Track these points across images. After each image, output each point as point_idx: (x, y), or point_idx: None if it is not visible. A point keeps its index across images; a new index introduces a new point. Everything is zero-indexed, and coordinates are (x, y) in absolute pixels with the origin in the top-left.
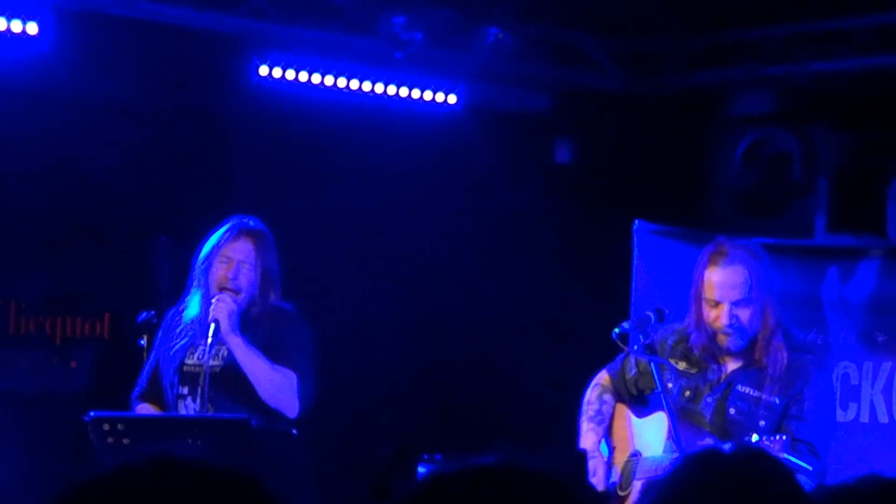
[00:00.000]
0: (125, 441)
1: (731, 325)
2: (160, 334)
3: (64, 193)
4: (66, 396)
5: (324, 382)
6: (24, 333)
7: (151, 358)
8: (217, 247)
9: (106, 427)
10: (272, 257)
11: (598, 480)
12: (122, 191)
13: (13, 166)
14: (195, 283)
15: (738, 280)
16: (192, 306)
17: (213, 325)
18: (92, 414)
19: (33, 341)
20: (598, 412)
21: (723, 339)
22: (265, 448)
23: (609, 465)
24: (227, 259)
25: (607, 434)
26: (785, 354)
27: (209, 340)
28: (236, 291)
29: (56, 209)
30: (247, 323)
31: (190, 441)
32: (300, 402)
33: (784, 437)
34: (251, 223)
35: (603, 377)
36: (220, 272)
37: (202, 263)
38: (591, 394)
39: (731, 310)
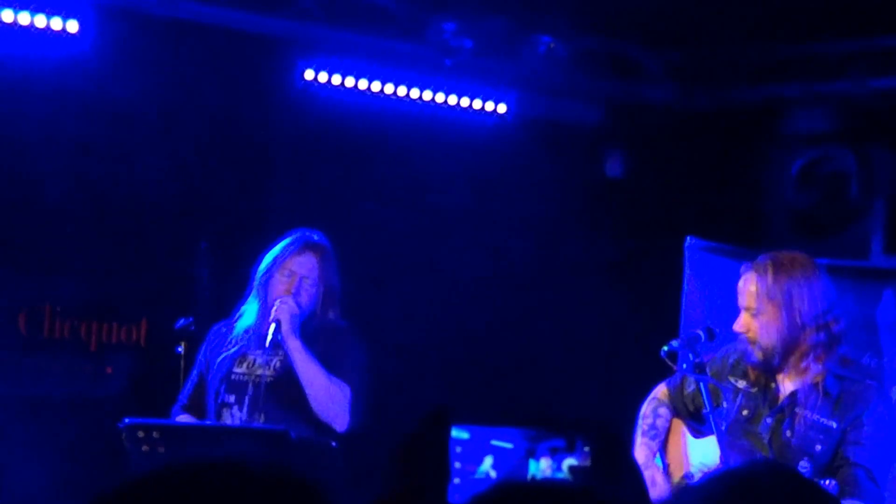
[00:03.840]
0: (160, 449)
1: (740, 333)
2: (204, 347)
3: (102, 196)
4: (100, 403)
5: (371, 398)
6: (59, 338)
7: (194, 372)
8: (279, 259)
9: (141, 434)
10: (334, 273)
11: (659, 489)
12: (162, 195)
13: (50, 168)
14: (253, 293)
15: (748, 287)
16: (248, 315)
17: (273, 326)
18: (126, 421)
19: (68, 346)
20: (653, 426)
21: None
22: (303, 459)
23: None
24: (290, 272)
25: (662, 450)
26: (839, 381)
27: (269, 339)
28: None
29: (94, 212)
30: (304, 337)
31: (226, 451)
32: (351, 418)
33: (834, 483)
34: (315, 237)
35: (661, 390)
36: (280, 286)
37: (263, 275)
38: (646, 407)
39: (742, 316)
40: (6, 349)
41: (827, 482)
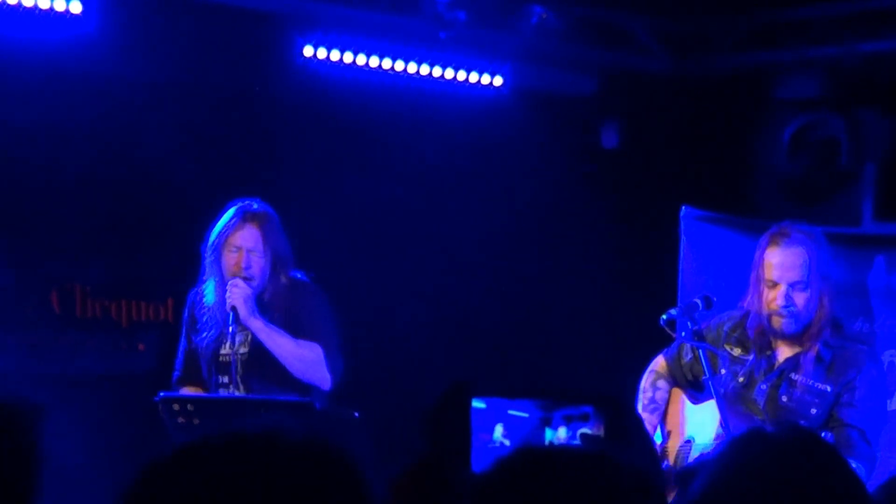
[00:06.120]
0: (195, 421)
1: (786, 307)
2: (186, 314)
3: (121, 177)
4: (135, 379)
5: (373, 371)
6: (91, 317)
7: (182, 339)
8: (223, 235)
9: (176, 407)
10: (280, 238)
11: None
12: (176, 173)
13: (70, 150)
14: (208, 270)
15: (797, 261)
16: (209, 294)
17: (231, 314)
18: (162, 394)
19: (100, 325)
20: (652, 400)
21: (777, 322)
22: (327, 431)
23: (662, 450)
24: (236, 248)
25: (662, 420)
26: (831, 348)
27: (230, 329)
28: (250, 279)
29: (114, 194)
30: (263, 306)
31: (256, 422)
32: (331, 374)
33: (830, 437)
34: (255, 206)
35: (659, 362)
36: (230, 262)
37: (211, 253)
38: (645, 381)
39: (787, 291)
40: (42, 328)
41: (824, 435)
